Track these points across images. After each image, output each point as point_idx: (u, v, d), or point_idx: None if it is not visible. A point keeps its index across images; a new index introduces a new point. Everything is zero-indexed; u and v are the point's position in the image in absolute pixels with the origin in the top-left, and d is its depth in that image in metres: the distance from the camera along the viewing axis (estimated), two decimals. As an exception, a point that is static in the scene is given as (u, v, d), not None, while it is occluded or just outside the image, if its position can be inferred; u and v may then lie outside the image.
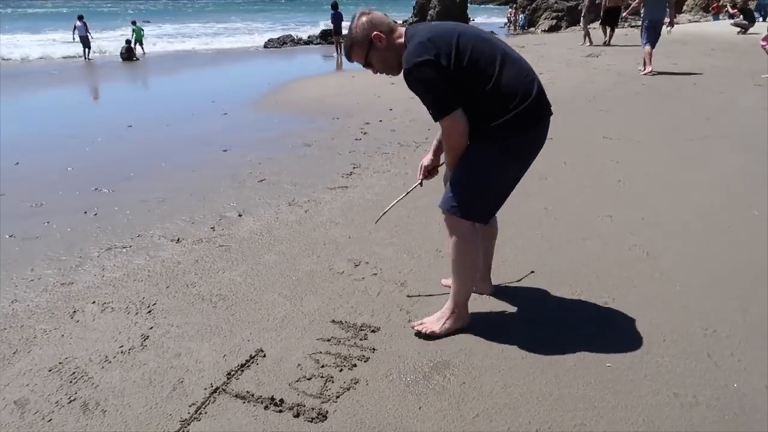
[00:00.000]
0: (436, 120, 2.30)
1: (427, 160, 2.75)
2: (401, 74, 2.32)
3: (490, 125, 2.26)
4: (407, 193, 2.93)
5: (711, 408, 2.07)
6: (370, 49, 2.36)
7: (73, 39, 19.43)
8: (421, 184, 2.82)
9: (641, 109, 7.52)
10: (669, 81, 9.50)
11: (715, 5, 23.76)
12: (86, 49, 19.09)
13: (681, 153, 5.39)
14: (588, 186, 4.54)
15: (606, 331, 2.57)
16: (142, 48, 20.31)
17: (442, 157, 2.61)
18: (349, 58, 2.45)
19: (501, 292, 2.90)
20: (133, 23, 20.72)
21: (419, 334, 2.53)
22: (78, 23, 18.82)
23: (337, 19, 17.74)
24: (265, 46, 22.33)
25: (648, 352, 2.39)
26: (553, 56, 13.65)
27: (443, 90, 2.22)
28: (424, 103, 2.31)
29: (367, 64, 2.41)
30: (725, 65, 11.06)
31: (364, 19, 2.36)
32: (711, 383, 2.20)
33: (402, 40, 2.35)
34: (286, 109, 8.67)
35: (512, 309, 2.79)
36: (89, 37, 19.04)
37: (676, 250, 3.36)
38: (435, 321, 2.56)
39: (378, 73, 2.49)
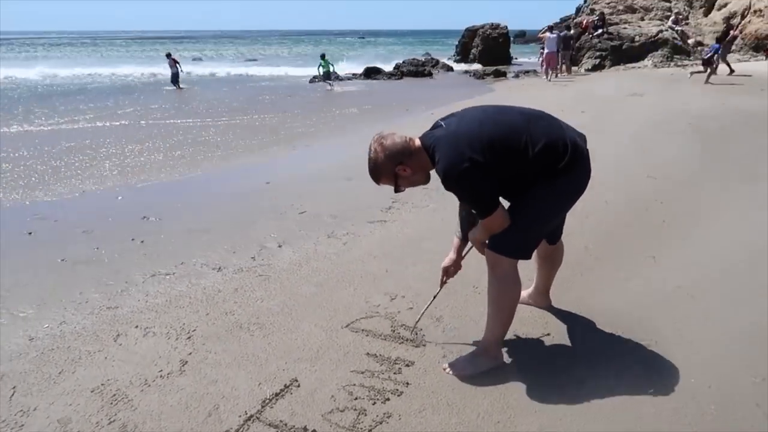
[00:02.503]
0: (481, 218, 2.39)
1: (448, 261, 2.81)
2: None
3: (541, 179, 2.33)
4: (434, 297, 2.95)
5: (760, 460, 1.98)
6: (397, 178, 2.44)
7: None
8: (441, 285, 2.88)
9: (687, 148, 7.37)
10: (717, 121, 9.31)
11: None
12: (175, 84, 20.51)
13: (729, 194, 5.24)
14: (630, 225, 4.46)
15: (649, 374, 2.48)
16: (334, 79, 21.16)
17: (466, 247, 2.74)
18: (377, 183, 2.53)
19: (537, 332, 2.86)
20: (322, 56, 21.30)
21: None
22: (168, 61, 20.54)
23: None
24: (310, 82, 22.89)
25: (693, 398, 2.31)
26: (596, 95, 13.58)
27: (485, 190, 2.29)
28: (466, 203, 2.45)
29: (397, 189, 2.50)
30: (776, 105, 10.77)
31: (380, 150, 2.39)
32: (760, 434, 2.10)
33: (423, 154, 2.39)
34: (328, 142, 8.85)
35: (549, 348, 2.73)
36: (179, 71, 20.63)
37: (722, 292, 3.25)
38: (467, 362, 2.55)
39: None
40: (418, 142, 2.42)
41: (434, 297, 2.95)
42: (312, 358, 2.67)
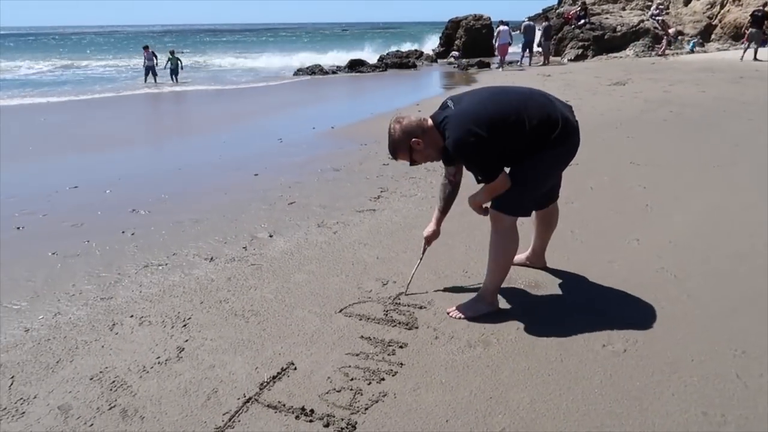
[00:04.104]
0: (486, 183, 2.72)
1: (428, 230, 3.18)
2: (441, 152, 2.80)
3: (537, 148, 2.67)
4: (420, 261, 3.24)
5: (740, 427, 2.07)
6: (412, 151, 2.77)
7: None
8: (423, 251, 3.23)
9: (669, 135, 7.51)
10: (698, 108, 9.47)
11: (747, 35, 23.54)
12: (150, 76, 19.88)
13: (709, 178, 5.37)
14: (615, 210, 4.55)
15: (633, 350, 2.57)
16: (175, 78, 20.67)
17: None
18: (395, 158, 2.90)
19: (529, 310, 2.95)
20: (171, 53, 21.28)
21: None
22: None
23: None
24: (295, 74, 22.72)
25: (675, 372, 2.40)
26: (579, 84, 13.71)
27: (489, 160, 2.64)
28: (472, 171, 2.76)
29: (412, 162, 2.84)
30: (753, 93, 10.98)
31: (398, 128, 2.75)
32: (740, 403, 2.20)
33: (435, 132, 2.73)
34: (314, 135, 8.87)
35: (539, 327, 2.81)
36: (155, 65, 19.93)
37: (703, 273, 3.35)
38: (467, 307, 2.90)
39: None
40: (430, 122, 2.77)
41: (419, 261, 3.22)
42: (307, 343, 2.73)
